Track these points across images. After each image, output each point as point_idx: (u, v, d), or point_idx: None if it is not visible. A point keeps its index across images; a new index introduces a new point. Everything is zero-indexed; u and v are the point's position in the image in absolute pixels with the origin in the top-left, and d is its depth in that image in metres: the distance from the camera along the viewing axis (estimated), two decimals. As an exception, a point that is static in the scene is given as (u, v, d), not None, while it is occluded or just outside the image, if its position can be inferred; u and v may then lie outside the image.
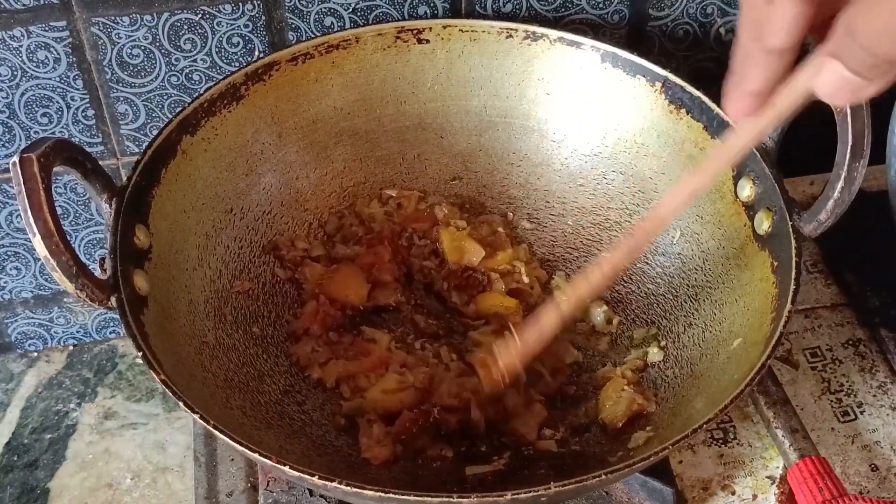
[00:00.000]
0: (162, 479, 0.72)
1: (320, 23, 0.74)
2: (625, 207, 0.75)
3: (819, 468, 0.66)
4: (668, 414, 0.64)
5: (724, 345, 0.64)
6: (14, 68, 0.69)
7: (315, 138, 0.75)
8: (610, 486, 0.67)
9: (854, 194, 0.59)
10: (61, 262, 0.53)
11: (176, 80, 0.73)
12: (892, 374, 0.77)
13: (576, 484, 0.52)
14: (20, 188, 0.53)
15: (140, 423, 0.76)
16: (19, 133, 0.72)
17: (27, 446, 0.75)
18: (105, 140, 0.74)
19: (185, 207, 0.67)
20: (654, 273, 0.73)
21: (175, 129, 0.67)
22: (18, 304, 0.80)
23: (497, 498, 0.51)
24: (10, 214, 0.75)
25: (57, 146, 0.55)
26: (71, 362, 0.81)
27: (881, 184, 0.78)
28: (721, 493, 0.70)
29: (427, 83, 0.76)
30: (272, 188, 0.74)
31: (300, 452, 0.63)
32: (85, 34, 0.69)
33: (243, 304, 0.70)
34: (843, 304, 0.82)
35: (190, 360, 0.63)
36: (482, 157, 0.78)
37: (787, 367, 0.77)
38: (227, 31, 0.72)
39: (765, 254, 0.65)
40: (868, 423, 0.73)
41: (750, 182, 0.66)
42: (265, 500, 0.67)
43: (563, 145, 0.77)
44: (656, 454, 0.54)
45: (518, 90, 0.77)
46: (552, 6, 0.77)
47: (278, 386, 0.67)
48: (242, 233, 0.72)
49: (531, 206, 0.78)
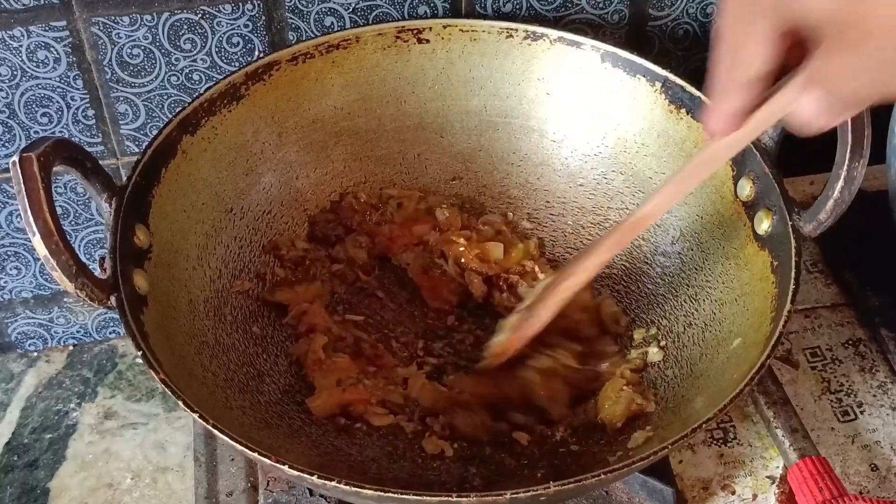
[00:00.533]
0: (162, 478, 0.72)
1: (320, 22, 0.74)
2: (625, 207, 0.75)
3: (819, 468, 0.66)
4: (667, 413, 0.64)
5: (724, 344, 0.64)
6: (14, 68, 0.69)
7: (315, 138, 0.75)
8: (610, 486, 0.67)
9: (854, 194, 0.59)
10: (61, 262, 0.53)
11: (176, 79, 0.73)
12: (892, 373, 0.77)
13: (575, 483, 0.52)
14: (20, 188, 0.53)
15: (140, 423, 0.76)
16: (19, 133, 0.72)
17: (27, 446, 0.75)
18: (105, 140, 0.74)
19: (184, 207, 0.67)
20: (654, 273, 0.73)
21: (175, 128, 0.67)
22: (18, 304, 0.80)
23: (496, 497, 0.51)
24: (10, 214, 0.75)
25: (57, 146, 0.55)
26: (71, 362, 0.81)
27: (881, 184, 0.78)
28: (721, 493, 0.70)
29: (427, 83, 0.76)
30: (272, 188, 0.74)
31: (300, 452, 0.63)
32: (85, 34, 0.69)
33: (243, 304, 0.70)
34: (843, 304, 0.82)
35: (190, 359, 0.63)
36: (482, 156, 0.78)
37: (787, 366, 0.77)
38: (227, 30, 0.72)
39: (765, 253, 0.64)
40: (868, 423, 0.73)
41: (750, 182, 0.66)
42: (265, 499, 0.67)
43: (563, 145, 0.77)
44: (656, 454, 0.54)
45: (518, 90, 0.77)
46: (552, 6, 0.77)
47: (278, 386, 0.67)
48: (242, 232, 0.72)
49: (531, 206, 0.78)
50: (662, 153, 0.73)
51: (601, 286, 0.74)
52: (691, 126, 0.71)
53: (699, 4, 0.79)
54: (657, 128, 0.73)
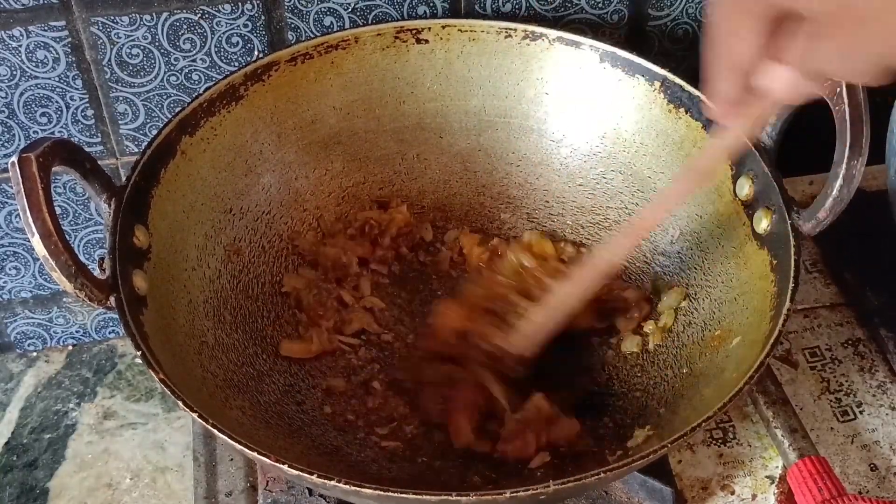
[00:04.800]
0: (161, 478, 0.72)
1: (319, 23, 0.74)
2: (624, 207, 0.75)
3: (818, 468, 0.66)
4: (667, 413, 0.64)
5: (723, 343, 0.64)
6: (13, 68, 0.69)
7: (314, 138, 0.75)
8: (609, 486, 0.67)
9: (853, 192, 0.59)
10: (60, 262, 0.53)
11: (175, 79, 0.73)
12: (891, 373, 0.77)
13: (575, 482, 0.52)
14: (19, 188, 0.53)
15: (139, 423, 0.76)
16: (18, 133, 0.72)
17: (26, 446, 0.75)
18: (104, 140, 0.74)
19: (184, 207, 0.67)
20: (653, 273, 0.73)
21: (174, 129, 0.67)
22: (18, 304, 0.80)
23: (496, 496, 0.51)
24: (9, 214, 0.75)
25: (56, 146, 0.55)
26: (70, 362, 0.81)
27: (881, 184, 0.78)
28: (720, 493, 0.70)
29: (426, 83, 0.76)
30: (271, 188, 0.74)
31: (299, 451, 0.63)
32: (84, 34, 0.69)
33: (243, 304, 0.70)
34: (842, 304, 0.82)
35: (189, 359, 0.63)
36: (481, 156, 0.78)
37: (786, 366, 0.77)
38: (226, 30, 0.72)
39: (764, 252, 0.65)
40: (867, 423, 0.73)
41: (749, 181, 0.66)
42: (264, 499, 0.67)
43: (563, 145, 0.77)
44: (655, 453, 0.54)
45: (517, 90, 0.77)
46: (551, 6, 0.77)
47: (278, 385, 0.67)
48: (242, 233, 0.72)
49: (530, 205, 0.78)
50: (661, 152, 0.73)
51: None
52: (690, 125, 0.71)
53: (698, 4, 0.79)
54: (656, 127, 0.73)
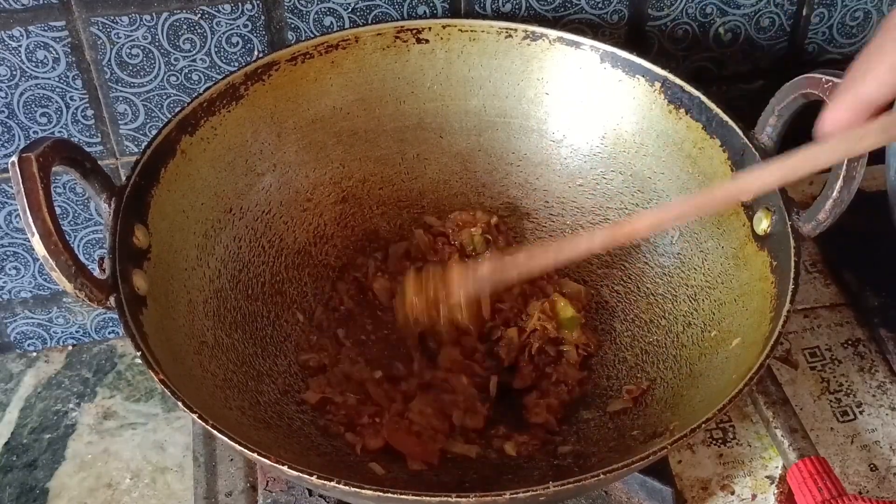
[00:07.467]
0: (161, 479, 0.72)
1: (319, 22, 0.74)
2: (624, 207, 0.75)
3: (818, 468, 0.66)
4: (667, 413, 0.64)
5: (723, 344, 0.64)
6: (13, 68, 0.69)
7: (314, 138, 0.75)
8: (609, 486, 0.67)
9: (853, 193, 0.60)
10: (60, 262, 0.53)
11: (175, 79, 0.73)
12: (891, 373, 0.77)
13: (574, 483, 0.52)
14: (19, 188, 0.53)
15: (139, 423, 0.76)
16: (18, 133, 0.72)
17: (26, 446, 0.75)
18: (104, 140, 0.74)
19: (184, 207, 0.67)
20: (653, 273, 0.73)
21: (174, 128, 0.67)
22: (17, 304, 0.80)
23: (496, 497, 0.51)
24: (9, 214, 0.75)
25: (56, 146, 0.55)
26: (70, 362, 0.81)
27: (880, 184, 0.78)
28: (720, 493, 0.70)
29: (426, 83, 0.76)
30: (271, 188, 0.74)
31: (299, 452, 0.63)
32: (84, 34, 0.69)
33: (243, 304, 0.70)
34: (842, 304, 0.82)
35: (189, 359, 0.62)
36: (481, 156, 0.78)
37: (786, 366, 0.77)
38: (226, 30, 0.72)
39: (764, 253, 0.65)
40: (867, 423, 0.73)
41: (749, 182, 0.66)
42: (264, 499, 0.67)
43: (563, 145, 0.77)
44: (655, 453, 0.54)
45: (517, 90, 0.77)
46: (551, 6, 0.77)
47: (277, 386, 0.67)
48: (242, 232, 0.72)
49: (531, 206, 0.78)
50: (661, 153, 0.73)
51: (600, 285, 0.74)
52: (690, 126, 0.71)
53: (698, 4, 0.79)
54: (656, 128, 0.73)
